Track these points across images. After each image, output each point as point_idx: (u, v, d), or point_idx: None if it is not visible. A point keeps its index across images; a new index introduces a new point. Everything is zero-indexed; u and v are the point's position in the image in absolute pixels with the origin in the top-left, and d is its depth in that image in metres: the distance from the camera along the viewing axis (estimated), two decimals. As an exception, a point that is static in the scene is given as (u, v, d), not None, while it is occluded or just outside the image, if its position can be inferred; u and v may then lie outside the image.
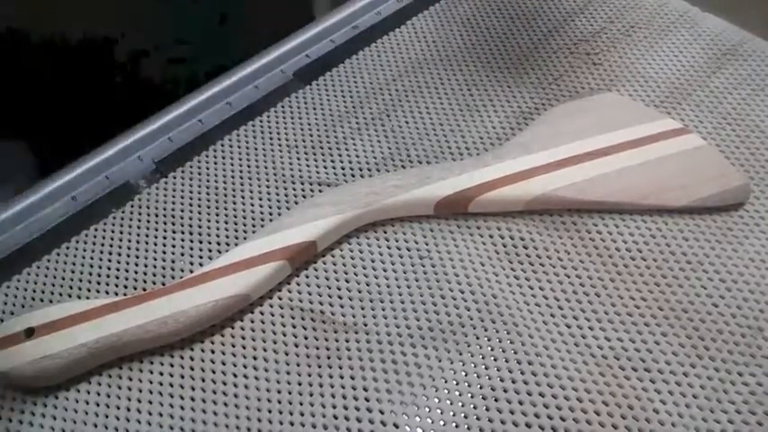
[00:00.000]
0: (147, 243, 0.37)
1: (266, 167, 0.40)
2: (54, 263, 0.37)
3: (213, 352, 0.33)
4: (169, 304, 0.32)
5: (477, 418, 0.29)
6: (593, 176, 0.35)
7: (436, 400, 0.30)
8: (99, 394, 0.32)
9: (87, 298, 0.35)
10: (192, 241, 0.37)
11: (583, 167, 0.36)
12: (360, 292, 0.34)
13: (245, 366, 0.32)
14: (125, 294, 0.35)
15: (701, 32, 0.45)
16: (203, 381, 0.32)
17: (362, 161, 0.40)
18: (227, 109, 0.44)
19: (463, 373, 0.31)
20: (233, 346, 0.33)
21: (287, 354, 0.32)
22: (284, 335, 0.33)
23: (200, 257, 0.36)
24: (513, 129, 0.40)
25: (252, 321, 0.33)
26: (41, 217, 0.39)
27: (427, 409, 0.30)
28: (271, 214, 0.38)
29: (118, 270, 0.36)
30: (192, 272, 0.34)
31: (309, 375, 0.31)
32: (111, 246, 0.37)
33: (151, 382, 0.32)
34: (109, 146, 0.42)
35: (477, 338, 0.32)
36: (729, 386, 0.29)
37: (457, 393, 0.30)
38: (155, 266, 0.36)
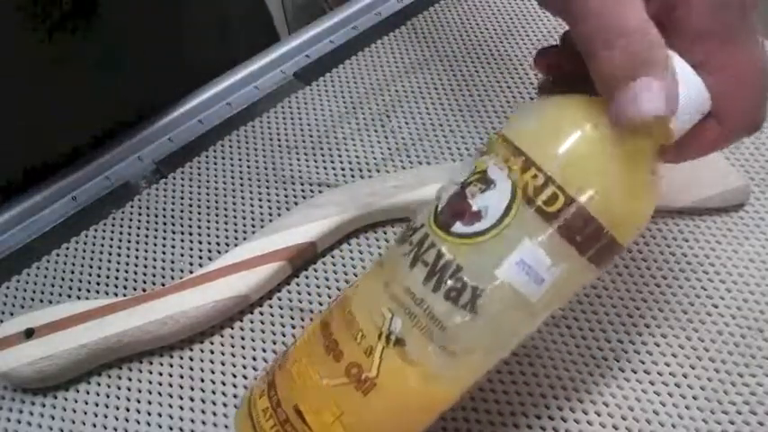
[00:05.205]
0: (146, 243, 0.37)
1: (266, 168, 0.40)
2: (54, 263, 0.37)
3: (213, 352, 0.33)
4: (169, 305, 0.32)
5: (478, 421, 0.29)
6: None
7: (436, 401, 0.30)
8: (99, 394, 0.32)
9: (87, 298, 0.35)
10: (191, 242, 0.37)
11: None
12: (360, 292, 0.34)
13: (244, 366, 0.32)
14: (125, 295, 0.35)
15: (702, 33, 0.45)
16: (203, 381, 0.32)
17: (362, 161, 0.40)
18: (227, 109, 0.44)
19: (463, 374, 0.31)
20: (233, 346, 0.33)
21: (287, 354, 0.32)
22: (284, 335, 0.33)
23: (200, 258, 0.36)
24: (514, 129, 0.40)
25: (252, 321, 0.33)
26: (41, 217, 0.39)
27: (427, 410, 0.30)
28: (270, 215, 0.38)
29: (118, 270, 0.36)
30: (191, 272, 0.34)
31: (309, 376, 0.31)
32: (111, 246, 0.37)
33: (151, 383, 0.32)
34: (109, 146, 0.42)
35: (478, 339, 0.32)
36: (730, 387, 0.29)
37: (457, 394, 0.30)
38: (154, 267, 0.36)
